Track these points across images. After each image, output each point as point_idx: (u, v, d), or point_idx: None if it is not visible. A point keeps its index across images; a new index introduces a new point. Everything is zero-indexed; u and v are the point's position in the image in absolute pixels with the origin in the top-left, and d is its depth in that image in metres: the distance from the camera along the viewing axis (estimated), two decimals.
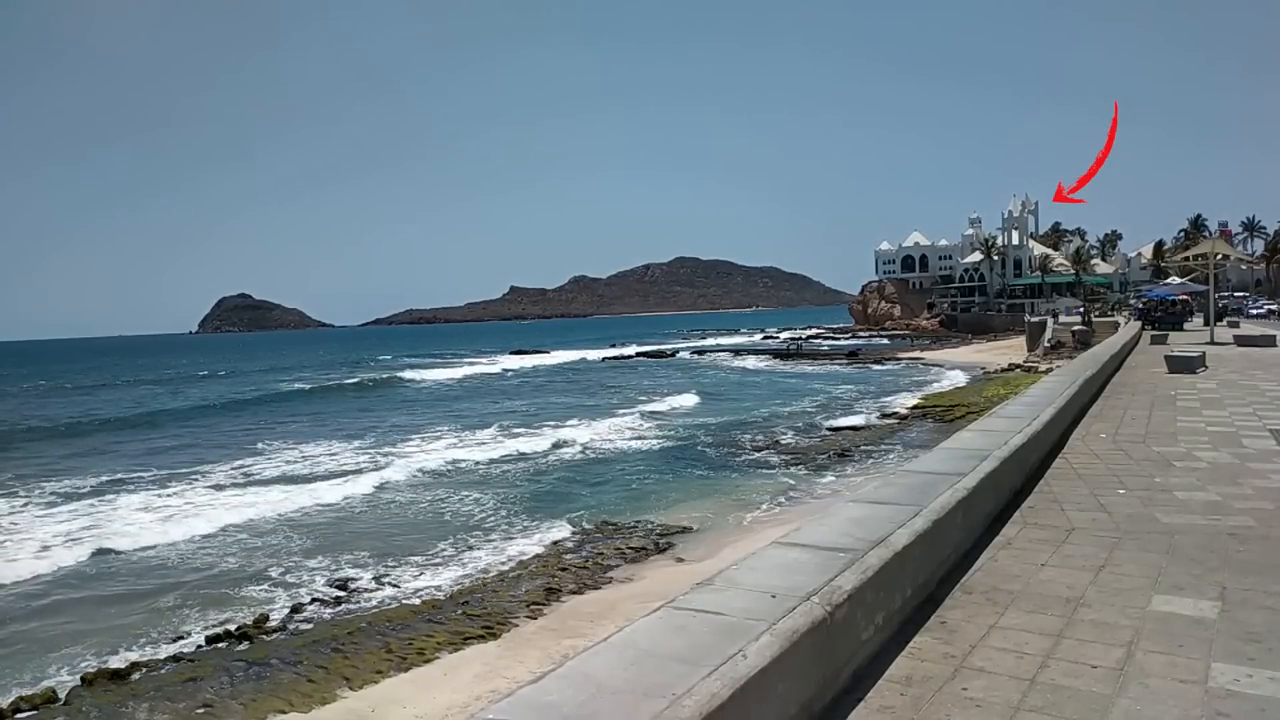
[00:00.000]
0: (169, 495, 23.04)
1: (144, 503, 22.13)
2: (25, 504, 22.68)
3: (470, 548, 16.81)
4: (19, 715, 10.32)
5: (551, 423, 35.59)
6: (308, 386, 62.21)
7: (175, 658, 11.82)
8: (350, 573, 15.41)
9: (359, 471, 25.63)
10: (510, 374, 70.06)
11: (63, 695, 10.78)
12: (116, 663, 11.65)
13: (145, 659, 11.79)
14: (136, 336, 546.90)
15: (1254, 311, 57.83)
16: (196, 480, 25.39)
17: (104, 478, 26.36)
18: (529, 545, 16.71)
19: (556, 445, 29.41)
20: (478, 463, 26.52)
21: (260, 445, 32.38)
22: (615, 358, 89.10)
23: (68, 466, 28.74)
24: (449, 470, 25.24)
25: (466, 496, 21.54)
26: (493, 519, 19.14)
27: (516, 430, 33.92)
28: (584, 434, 31.81)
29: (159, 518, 20.21)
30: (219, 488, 24.15)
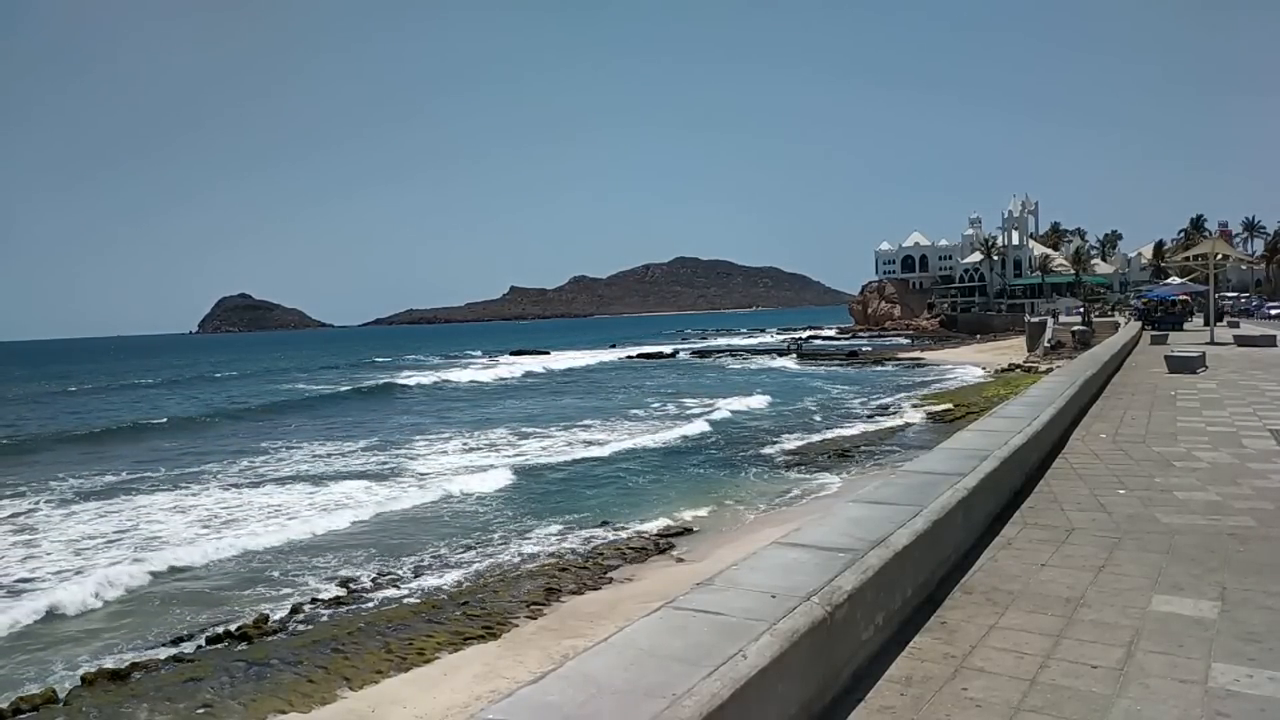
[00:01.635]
0: (193, 496, 23.04)
1: (174, 502, 22.27)
2: (58, 509, 22.57)
3: (470, 548, 16.79)
4: (19, 715, 10.32)
5: (563, 424, 35.55)
6: (346, 388, 60.48)
7: (175, 658, 11.81)
8: (350, 573, 15.40)
9: (412, 477, 25.37)
10: (526, 378, 67.52)
11: (63, 695, 10.78)
12: (116, 663, 11.64)
13: (145, 659, 11.79)
14: (136, 337, 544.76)
15: (1273, 312, 55.09)
16: (250, 483, 24.88)
17: (130, 480, 26.23)
18: (529, 545, 16.71)
19: (570, 447, 29.43)
20: (484, 467, 26.51)
21: (303, 450, 31.49)
22: (632, 357, 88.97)
23: (113, 470, 28.09)
24: (461, 475, 25.24)
25: (469, 498, 21.53)
26: (496, 520, 19.12)
27: (528, 431, 33.80)
28: (589, 436, 31.83)
29: (188, 521, 20.16)
30: (242, 486, 24.12)
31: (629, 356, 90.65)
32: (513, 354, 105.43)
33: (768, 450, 26.70)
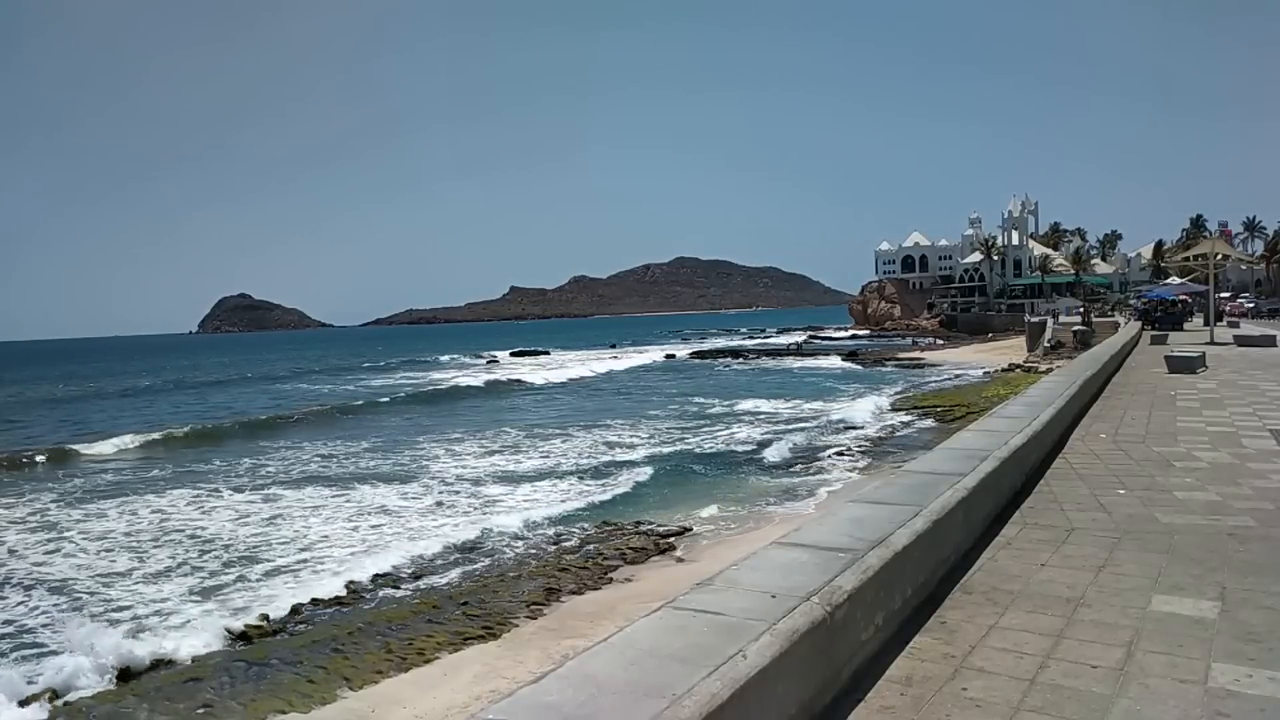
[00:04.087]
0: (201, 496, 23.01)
1: (193, 499, 22.14)
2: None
3: (470, 548, 16.77)
4: (25, 712, 10.31)
5: (579, 425, 35.31)
6: (432, 387, 58.38)
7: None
8: (350, 574, 15.37)
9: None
10: (594, 379, 63.18)
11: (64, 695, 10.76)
12: (117, 663, 11.62)
13: (145, 659, 11.76)
14: (136, 337, 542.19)
15: None
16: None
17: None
18: (529, 545, 16.70)
19: (592, 446, 29.33)
20: (483, 471, 26.49)
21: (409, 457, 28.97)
22: (672, 357, 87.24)
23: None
24: (482, 475, 25.21)
25: (472, 496, 21.54)
26: (492, 519, 19.09)
27: (549, 434, 33.59)
28: (599, 436, 31.86)
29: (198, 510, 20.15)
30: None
31: (633, 368, 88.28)
32: (513, 355, 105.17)
33: (767, 450, 26.68)
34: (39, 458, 31.15)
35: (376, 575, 15.13)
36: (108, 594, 14.80)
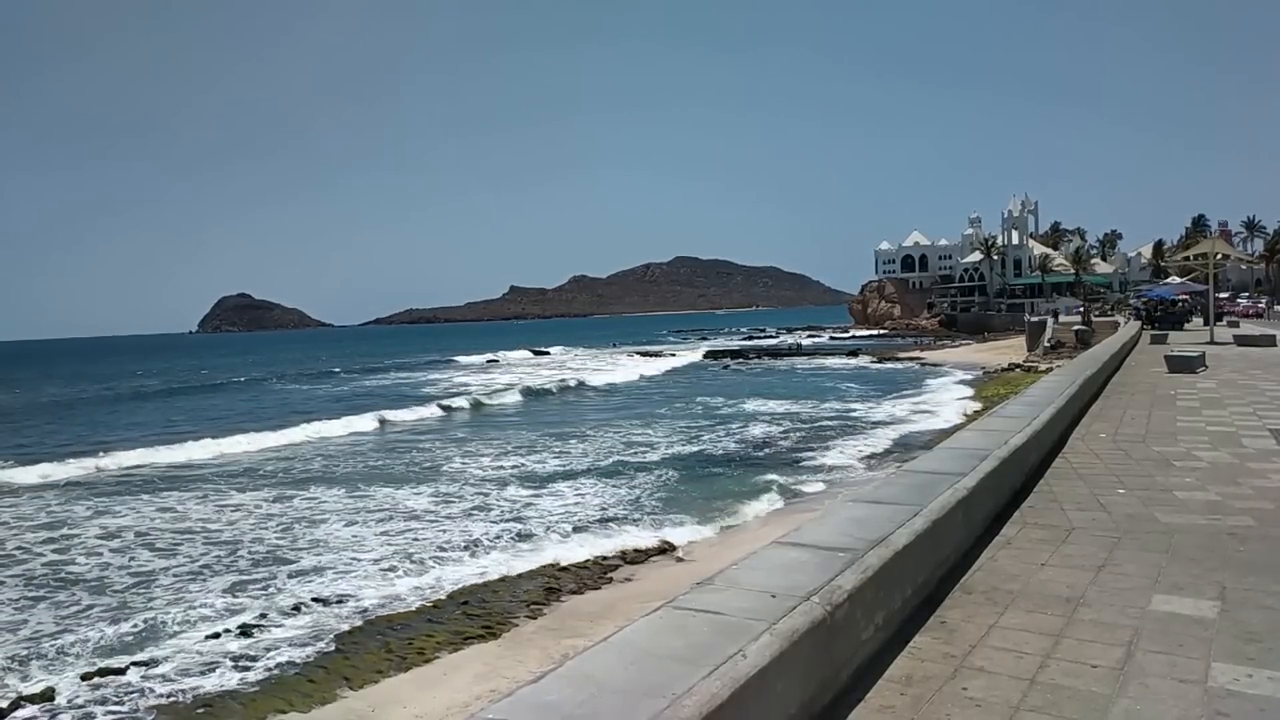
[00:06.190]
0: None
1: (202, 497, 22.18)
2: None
3: (471, 547, 16.77)
4: (18, 714, 10.32)
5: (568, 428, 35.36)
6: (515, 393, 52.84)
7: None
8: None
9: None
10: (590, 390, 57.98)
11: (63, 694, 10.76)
12: (116, 662, 11.64)
13: (145, 658, 11.78)
14: (136, 336, 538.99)
15: None
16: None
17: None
18: (529, 545, 16.70)
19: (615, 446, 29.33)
20: (493, 468, 26.50)
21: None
22: (713, 354, 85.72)
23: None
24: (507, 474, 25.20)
25: (477, 494, 21.53)
26: (492, 518, 19.11)
27: (538, 448, 33.56)
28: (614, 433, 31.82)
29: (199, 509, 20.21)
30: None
31: (708, 354, 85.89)
32: (534, 352, 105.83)
33: (767, 449, 26.68)
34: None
35: (378, 575, 15.17)
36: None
